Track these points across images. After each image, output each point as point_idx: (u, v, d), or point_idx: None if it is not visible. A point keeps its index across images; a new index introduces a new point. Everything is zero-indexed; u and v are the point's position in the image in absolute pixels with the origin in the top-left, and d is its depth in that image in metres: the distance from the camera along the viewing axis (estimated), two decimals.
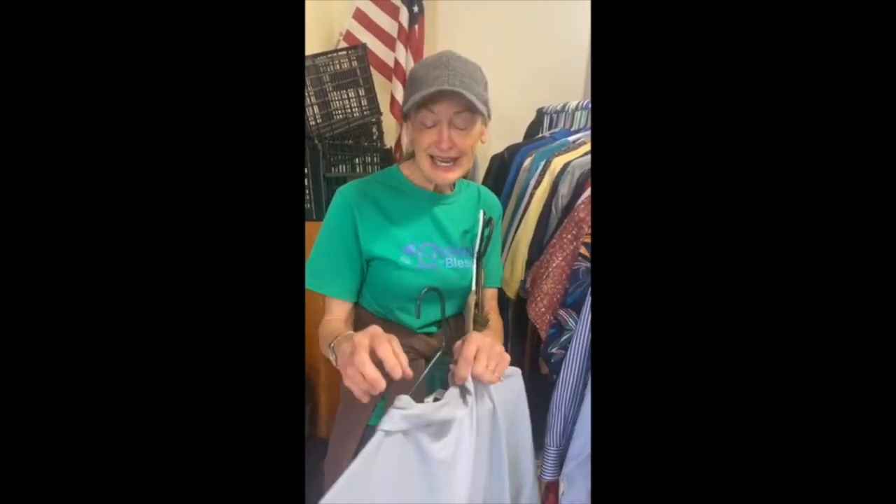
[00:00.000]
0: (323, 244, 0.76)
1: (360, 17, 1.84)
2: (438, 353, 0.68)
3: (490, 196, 0.89)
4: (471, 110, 0.69)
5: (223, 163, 0.37)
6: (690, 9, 0.36)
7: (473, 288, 0.76)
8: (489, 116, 0.74)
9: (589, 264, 0.85)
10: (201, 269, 0.37)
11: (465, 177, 0.88)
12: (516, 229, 1.17)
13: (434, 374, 0.69)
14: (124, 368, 0.35)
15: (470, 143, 0.73)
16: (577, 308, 0.84)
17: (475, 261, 0.79)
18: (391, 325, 0.79)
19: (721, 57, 0.36)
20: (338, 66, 1.49)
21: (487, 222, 0.79)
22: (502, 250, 1.24)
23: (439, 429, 0.59)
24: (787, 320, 0.35)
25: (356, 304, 0.82)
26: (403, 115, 0.75)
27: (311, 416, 1.44)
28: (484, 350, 0.60)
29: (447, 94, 0.67)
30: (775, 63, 0.35)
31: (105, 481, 0.35)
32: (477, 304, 0.81)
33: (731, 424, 0.36)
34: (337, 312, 0.77)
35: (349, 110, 1.54)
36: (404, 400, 0.55)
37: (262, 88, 0.38)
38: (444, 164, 0.72)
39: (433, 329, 0.80)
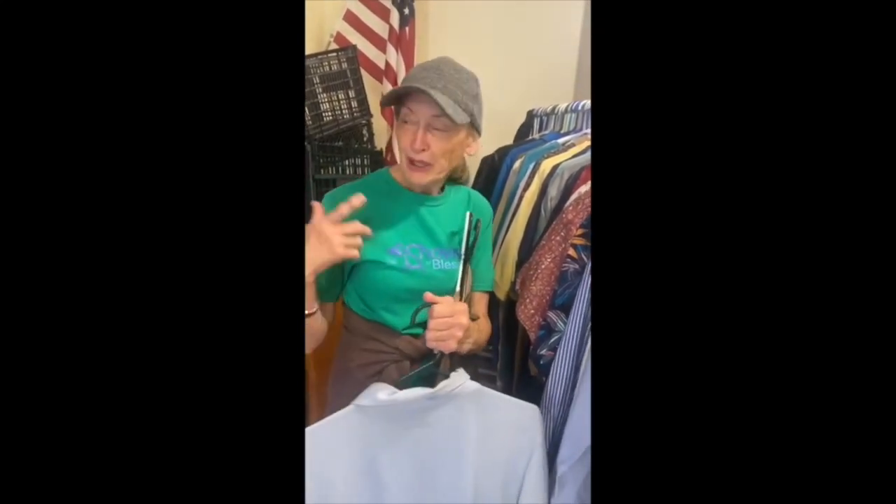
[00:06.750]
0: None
1: (351, 18, 1.84)
2: (428, 363, 0.70)
3: (480, 199, 0.89)
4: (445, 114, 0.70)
5: (223, 164, 0.38)
6: (689, 9, 0.37)
7: (457, 289, 0.76)
8: (477, 128, 0.75)
9: (577, 266, 0.85)
10: (202, 270, 0.37)
11: (457, 182, 0.88)
12: (506, 231, 1.17)
13: (419, 379, 0.69)
14: (124, 368, 0.36)
15: (446, 149, 0.73)
16: (565, 309, 0.84)
17: (461, 262, 0.79)
18: (376, 326, 0.79)
19: (719, 58, 0.36)
20: (328, 68, 1.48)
21: (475, 225, 0.79)
22: (492, 252, 1.25)
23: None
24: (785, 322, 0.35)
25: (342, 304, 0.82)
26: (395, 114, 0.76)
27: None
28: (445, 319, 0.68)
29: (418, 93, 0.68)
30: (773, 63, 0.35)
31: (105, 480, 0.35)
32: None
33: (729, 424, 0.36)
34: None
35: (339, 112, 1.53)
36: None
37: (262, 91, 0.38)
38: (418, 165, 0.74)
39: (418, 331, 0.79)
